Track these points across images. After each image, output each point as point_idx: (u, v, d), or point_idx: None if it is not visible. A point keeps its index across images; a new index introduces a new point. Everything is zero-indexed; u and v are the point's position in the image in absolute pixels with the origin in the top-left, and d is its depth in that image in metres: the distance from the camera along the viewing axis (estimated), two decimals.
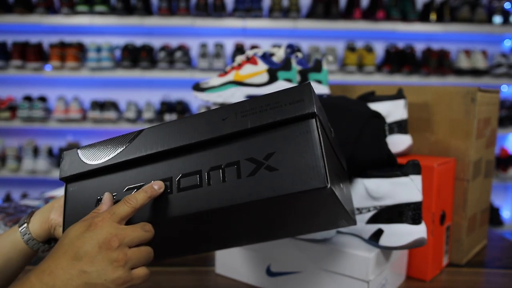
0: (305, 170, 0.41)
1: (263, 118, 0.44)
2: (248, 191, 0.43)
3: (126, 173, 0.50)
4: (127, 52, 2.46)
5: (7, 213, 0.87)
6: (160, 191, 0.46)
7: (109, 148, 0.51)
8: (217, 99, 0.89)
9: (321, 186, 0.41)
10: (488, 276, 0.81)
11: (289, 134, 0.43)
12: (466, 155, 0.82)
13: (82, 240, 0.41)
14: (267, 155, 0.43)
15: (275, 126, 0.44)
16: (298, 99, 0.44)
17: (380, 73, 2.50)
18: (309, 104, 0.43)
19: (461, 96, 0.83)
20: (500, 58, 2.52)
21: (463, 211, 0.83)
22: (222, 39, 2.60)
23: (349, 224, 0.57)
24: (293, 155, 0.42)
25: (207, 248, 0.65)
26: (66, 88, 2.67)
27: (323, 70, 0.90)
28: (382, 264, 0.66)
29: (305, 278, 0.69)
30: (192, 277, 0.77)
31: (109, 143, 0.51)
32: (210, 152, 0.46)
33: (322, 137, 0.43)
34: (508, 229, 2.59)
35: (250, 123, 0.45)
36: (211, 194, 0.44)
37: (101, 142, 0.52)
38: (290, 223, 0.53)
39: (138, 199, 0.45)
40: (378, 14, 2.41)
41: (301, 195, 0.41)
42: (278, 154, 0.43)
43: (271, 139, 0.44)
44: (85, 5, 2.39)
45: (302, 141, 0.43)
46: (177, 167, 0.47)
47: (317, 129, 0.43)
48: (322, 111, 0.49)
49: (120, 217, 0.44)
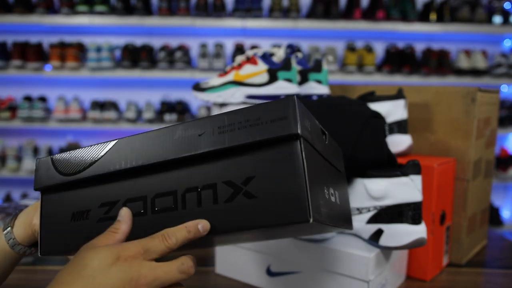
0: (287, 201, 0.37)
1: (241, 137, 0.39)
2: (224, 219, 0.40)
3: (100, 188, 0.47)
4: (127, 52, 2.46)
5: (7, 213, 0.87)
6: (204, 234, 0.40)
7: (83, 159, 0.48)
8: (217, 99, 0.89)
9: (303, 220, 0.37)
10: (488, 276, 0.81)
11: (270, 157, 0.39)
12: (466, 155, 0.82)
13: (107, 276, 0.36)
14: (246, 179, 0.39)
15: (254, 146, 0.39)
16: (280, 116, 0.38)
17: (380, 73, 2.50)
18: (293, 123, 0.38)
19: (461, 96, 0.83)
20: (500, 58, 2.52)
21: (463, 211, 0.83)
22: (222, 39, 2.60)
23: (345, 229, 0.54)
24: (274, 181, 0.38)
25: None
26: (66, 88, 2.67)
27: (323, 70, 0.90)
28: (382, 264, 0.66)
29: (305, 278, 0.69)
30: (192, 277, 0.77)
31: (84, 153, 0.48)
32: (186, 171, 0.42)
33: (307, 160, 0.38)
34: (508, 229, 2.59)
35: (228, 141, 0.40)
36: (185, 220, 0.41)
37: (76, 151, 0.49)
38: (277, 236, 0.51)
39: (178, 239, 0.40)
40: (378, 14, 2.41)
41: (283, 226, 0.38)
42: (258, 179, 0.39)
43: (250, 161, 0.39)
44: (85, 5, 2.39)
45: (284, 166, 0.38)
46: (151, 185, 0.44)
47: (301, 153, 0.38)
48: (311, 121, 0.43)
49: (154, 256, 0.39)
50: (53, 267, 0.82)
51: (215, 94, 0.89)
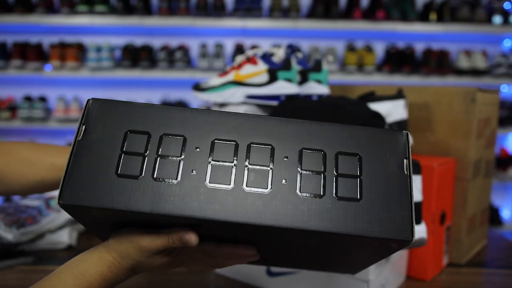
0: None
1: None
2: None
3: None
4: (127, 52, 2.46)
5: (7, 213, 0.88)
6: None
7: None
8: (217, 99, 0.89)
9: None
10: (488, 276, 0.81)
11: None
12: (466, 155, 0.82)
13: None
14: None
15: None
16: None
17: (380, 73, 2.50)
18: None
19: (461, 96, 0.83)
20: (500, 58, 2.52)
21: (463, 211, 0.83)
22: (222, 39, 2.60)
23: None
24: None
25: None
26: (66, 88, 2.67)
27: (323, 70, 0.90)
28: (382, 264, 0.66)
29: (305, 278, 0.69)
30: (192, 277, 0.77)
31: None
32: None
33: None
34: (508, 229, 2.59)
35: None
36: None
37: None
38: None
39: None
40: (378, 14, 2.41)
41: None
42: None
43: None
44: (85, 5, 2.39)
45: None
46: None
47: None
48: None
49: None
50: (53, 267, 0.82)
51: (215, 94, 0.89)
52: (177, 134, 0.40)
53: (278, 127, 0.41)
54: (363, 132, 0.40)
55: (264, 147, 0.40)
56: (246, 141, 0.40)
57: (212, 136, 0.40)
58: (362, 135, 0.40)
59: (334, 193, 0.38)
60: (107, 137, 0.40)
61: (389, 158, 0.39)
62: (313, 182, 0.39)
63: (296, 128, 0.41)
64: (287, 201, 0.38)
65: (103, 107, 0.41)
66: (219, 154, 0.40)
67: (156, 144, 0.40)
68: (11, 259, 0.79)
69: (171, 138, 0.40)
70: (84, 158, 0.39)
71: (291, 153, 0.40)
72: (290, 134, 0.40)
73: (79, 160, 0.39)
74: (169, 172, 0.39)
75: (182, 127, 0.41)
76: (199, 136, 0.41)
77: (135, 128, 0.41)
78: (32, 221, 0.87)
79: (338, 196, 0.38)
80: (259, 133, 0.40)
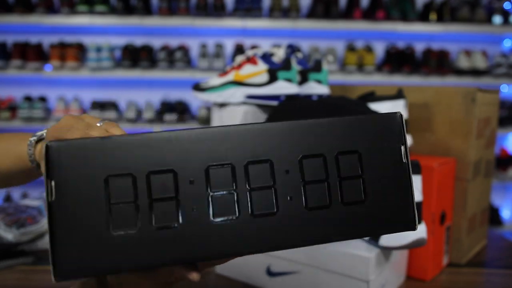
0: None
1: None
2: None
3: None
4: (127, 52, 2.47)
5: (7, 213, 0.88)
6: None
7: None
8: (217, 99, 0.89)
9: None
10: (488, 276, 0.81)
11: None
12: (466, 155, 0.82)
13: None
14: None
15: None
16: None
17: (380, 73, 2.50)
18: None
19: (461, 96, 0.83)
20: (500, 58, 2.52)
21: (463, 211, 0.83)
22: (222, 39, 2.60)
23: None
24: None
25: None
26: (66, 88, 2.67)
27: (323, 70, 0.90)
28: (382, 264, 0.66)
29: (305, 278, 0.69)
30: None
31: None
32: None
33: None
34: (508, 229, 2.59)
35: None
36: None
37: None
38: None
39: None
40: (378, 14, 2.41)
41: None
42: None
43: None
44: (85, 5, 2.39)
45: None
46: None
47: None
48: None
49: None
50: None
51: (215, 94, 0.89)
52: (164, 169, 0.35)
53: (273, 136, 0.37)
54: (358, 122, 0.39)
55: (263, 165, 0.37)
56: (242, 161, 0.36)
57: (205, 162, 0.36)
58: (357, 127, 0.39)
59: (340, 199, 0.38)
60: (86, 189, 0.34)
61: (387, 148, 0.39)
62: (318, 193, 0.37)
63: (291, 132, 0.38)
64: (296, 219, 0.37)
65: (68, 152, 0.34)
66: (217, 182, 0.36)
67: (145, 186, 0.35)
68: (11, 259, 0.80)
69: (160, 176, 0.35)
70: (67, 223, 0.33)
71: (291, 166, 0.37)
72: (286, 142, 0.38)
73: (61, 226, 0.33)
74: (168, 216, 0.35)
75: (167, 157, 0.35)
76: (189, 165, 0.36)
77: (114, 172, 0.34)
78: (32, 221, 0.87)
79: (344, 202, 0.38)
80: (255, 148, 0.37)
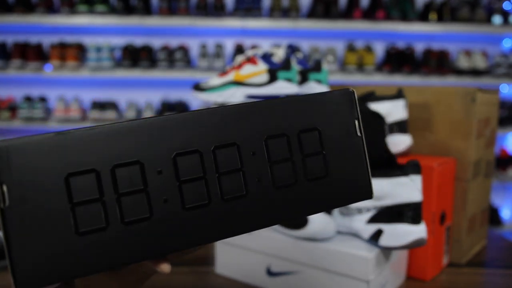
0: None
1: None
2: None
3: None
4: (127, 52, 2.47)
5: None
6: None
7: None
8: (217, 99, 0.89)
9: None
10: (488, 276, 0.81)
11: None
12: (466, 155, 0.82)
13: None
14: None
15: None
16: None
17: (380, 73, 2.50)
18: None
19: (461, 96, 0.83)
20: (500, 58, 2.52)
21: (463, 211, 0.83)
22: (222, 39, 2.60)
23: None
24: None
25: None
26: (66, 88, 2.67)
27: (323, 70, 0.90)
28: (382, 264, 0.66)
29: (305, 278, 0.69)
30: (192, 277, 0.77)
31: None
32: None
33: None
34: (508, 229, 2.59)
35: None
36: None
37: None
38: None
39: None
40: (378, 14, 2.41)
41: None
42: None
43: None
44: (85, 5, 2.39)
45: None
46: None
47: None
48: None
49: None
50: None
51: (215, 94, 0.89)
52: (129, 161, 0.33)
53: (237, 119, 0.37)
54: (314, 100, 0.40)
55: (229, 148, 0.36)
56: (209, 146, 0.35)
57: (171, 151, 0.34)
58: (314, 105, 0.40)
59: (304, 176, 0.39)
60: (44, 190, 0.30)
61: (343, 123, 0.41)
62: (284, 172, 0.38)
63: (254, 114, 0.37)
64: (265, 199, 0.37)
65: (19, 152, 0.30)
66: (186, 170, 0.35)
67: (110, 181, 0.32)
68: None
69: (126, 169, 0.33)
70: (25, 229, 0.29)
71: (257, 147, 0.37)
72: (250, 123, 0.37)
73: (18, 234, 0.29)
74: (138, 210, 0.33)
75: (131, 148, 0.33)
76: (156, 155, 0.34)
77: (75, 168, 0.31)
78: None
79: (308, 178, 0.39)
80: (219, 132, 0.36)
